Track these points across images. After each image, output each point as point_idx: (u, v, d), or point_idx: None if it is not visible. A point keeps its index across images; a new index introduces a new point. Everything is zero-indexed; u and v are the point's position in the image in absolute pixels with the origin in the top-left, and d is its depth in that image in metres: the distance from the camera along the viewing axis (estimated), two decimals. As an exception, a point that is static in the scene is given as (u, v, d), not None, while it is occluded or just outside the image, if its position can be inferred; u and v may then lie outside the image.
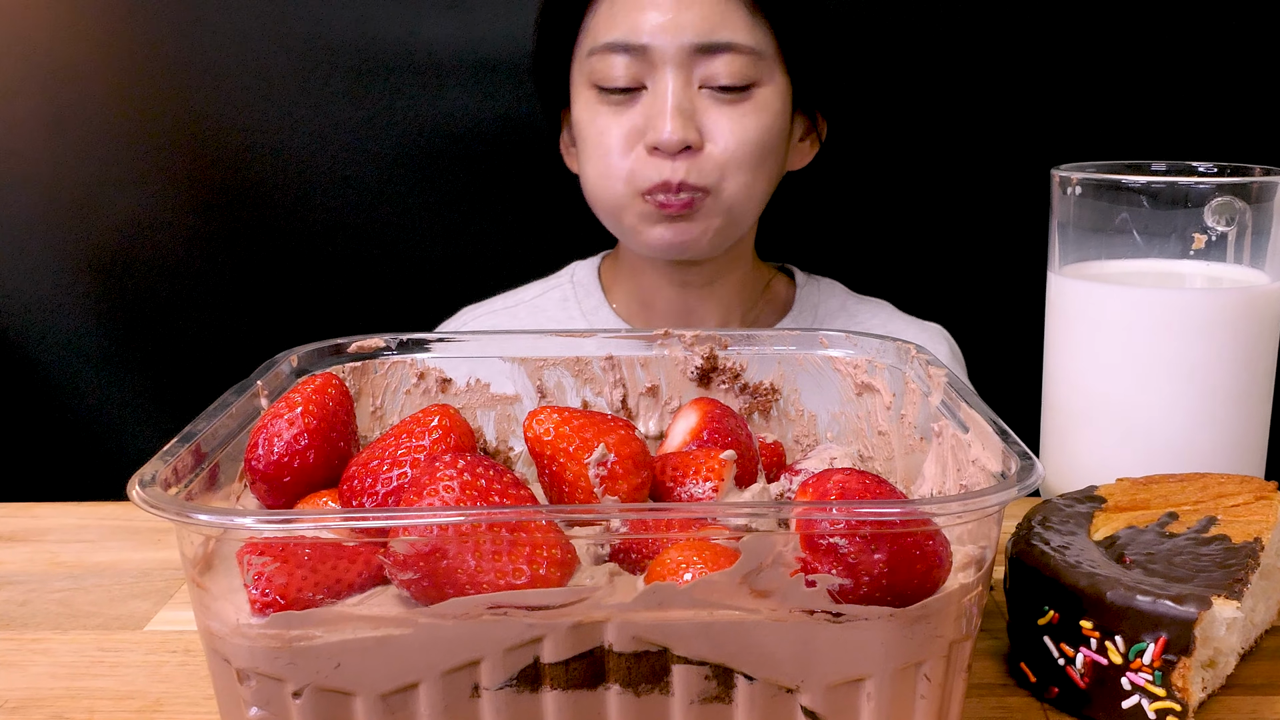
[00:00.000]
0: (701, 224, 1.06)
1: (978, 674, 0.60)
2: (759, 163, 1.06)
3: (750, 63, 1.04)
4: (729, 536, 0.48)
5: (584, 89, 1.08)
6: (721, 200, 1.05)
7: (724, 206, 1.06)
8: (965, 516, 0.47)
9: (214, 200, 1.35)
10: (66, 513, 0.85)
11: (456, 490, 0.47)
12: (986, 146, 1.31)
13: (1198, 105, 1.29)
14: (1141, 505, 0.64)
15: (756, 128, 1.05)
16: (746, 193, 1.07)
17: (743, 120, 1.04)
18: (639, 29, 1.03)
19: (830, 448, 0.70)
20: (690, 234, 1.06)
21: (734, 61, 1.03)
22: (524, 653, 0.47)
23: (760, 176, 1.07)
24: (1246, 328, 0.74)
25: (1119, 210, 0.77)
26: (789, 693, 0.48)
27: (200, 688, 0.60)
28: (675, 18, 1.02)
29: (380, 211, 1.35)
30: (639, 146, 1.04)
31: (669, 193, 1.03)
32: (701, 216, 1.06)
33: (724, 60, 1.03)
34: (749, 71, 1.04)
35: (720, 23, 1.03)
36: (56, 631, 0.67)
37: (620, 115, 1.05)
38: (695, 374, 0.71)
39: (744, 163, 1.05)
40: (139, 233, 1.35)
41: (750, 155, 1.05)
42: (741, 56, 1.03)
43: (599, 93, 1.06)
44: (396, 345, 0.70)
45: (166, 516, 0.46)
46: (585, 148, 1.08)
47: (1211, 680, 0.57)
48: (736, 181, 1.05)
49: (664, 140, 1.01)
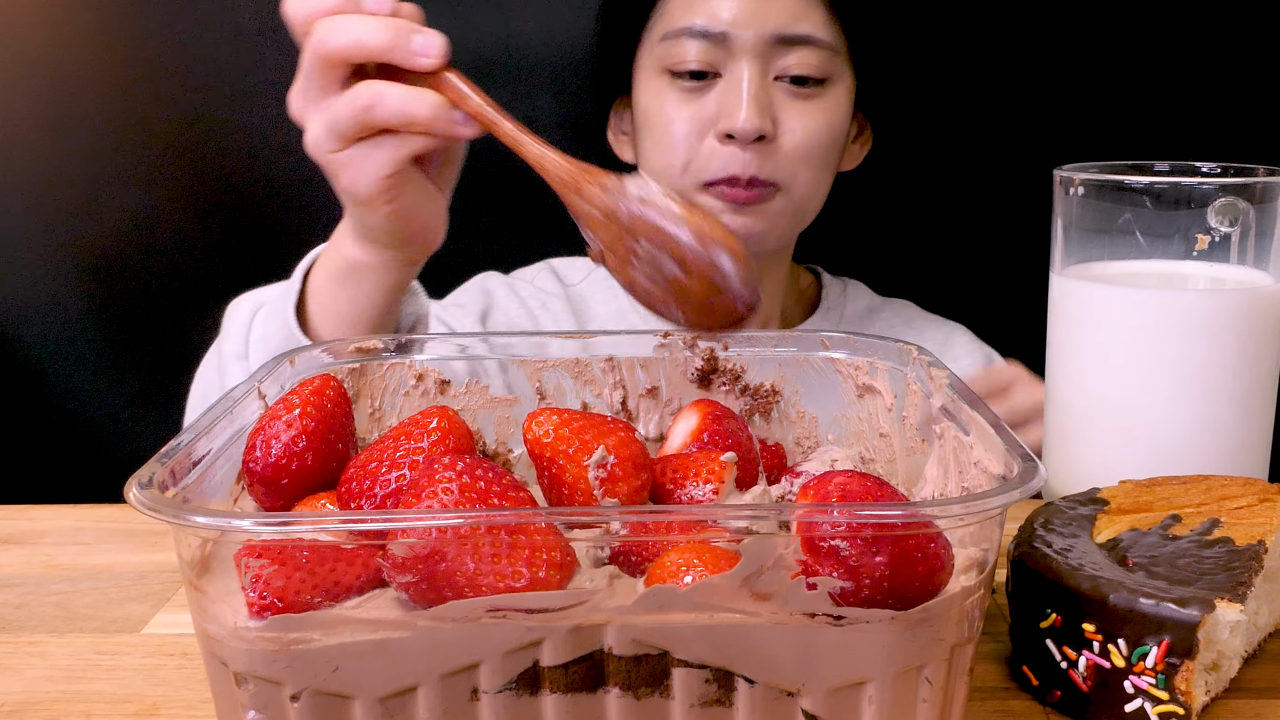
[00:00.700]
0: (770, 220, 1.05)
1: (979, 677, 0.60)
2: (826, 160, 1.06)
3: (827, 58, 1.04)
4: (729, 539, 0.48)
5: (653, 75, 1.06)
6: (792, 198, 1.05)
7: (794, 204, 1.06)
8: (967, 519, 0.47)
9: (212, 201, 1.35)
10: (63, 515, 0.84)
11: (455, 492, 0.47)
12: (988, 147, 1.31)
13: (1201, 105, 1.29)
14: (1144, 507, 0.64)
15: (827, 125, 1.05)
16: (813, 190, 1.06)
17: (816, 115, 1.04)
18: (719, 16, 1.02)
19: (831, 449, 0.70)
20: (758, 228, 1.05)
21: (811, 55, 1.03)
22: (523, 656, 0.47)
23: (826, 174, 1.07)
24: (1250, 329, 0.74)
25: (1122, 211, 0.76)
26: (790, 696, 0.47)
27: (198, 691, 0.60)
28: (756, 7, 1.02)
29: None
30: (709, 136, 1.03)
31: (738, 186, 1.02)
32: (771, 212, 1.05)
33: (801, 53, 1.02)
34: (825, 66, 1.04)
35: (801, 15, 1.03)
36: (53, 634, 0.66)
37: (691, 103, 1.04)
38: (695, 375, 0.71)
39: (813, 159, 1.04)
40: (136, 233, 1.35)
41: (819, 151, 1.05)
42: (819, 51, 1.03)
43: (670, 78, 1.05)
44: (395, 347, 0.70)
45: (163, 519, 0.46)
46: (650, 134, 1.07)
47: (1215, 684, 0.56)
48: (806, 178, 1.05)
49: (740, 128, 1.00)
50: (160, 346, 1.37)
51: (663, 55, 1.05)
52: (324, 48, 0.71)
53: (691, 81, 1.04)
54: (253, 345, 0.86)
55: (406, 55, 0.70)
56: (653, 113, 1.06)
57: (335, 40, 0.71)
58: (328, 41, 0.71)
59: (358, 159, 0.73)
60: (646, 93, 1.07)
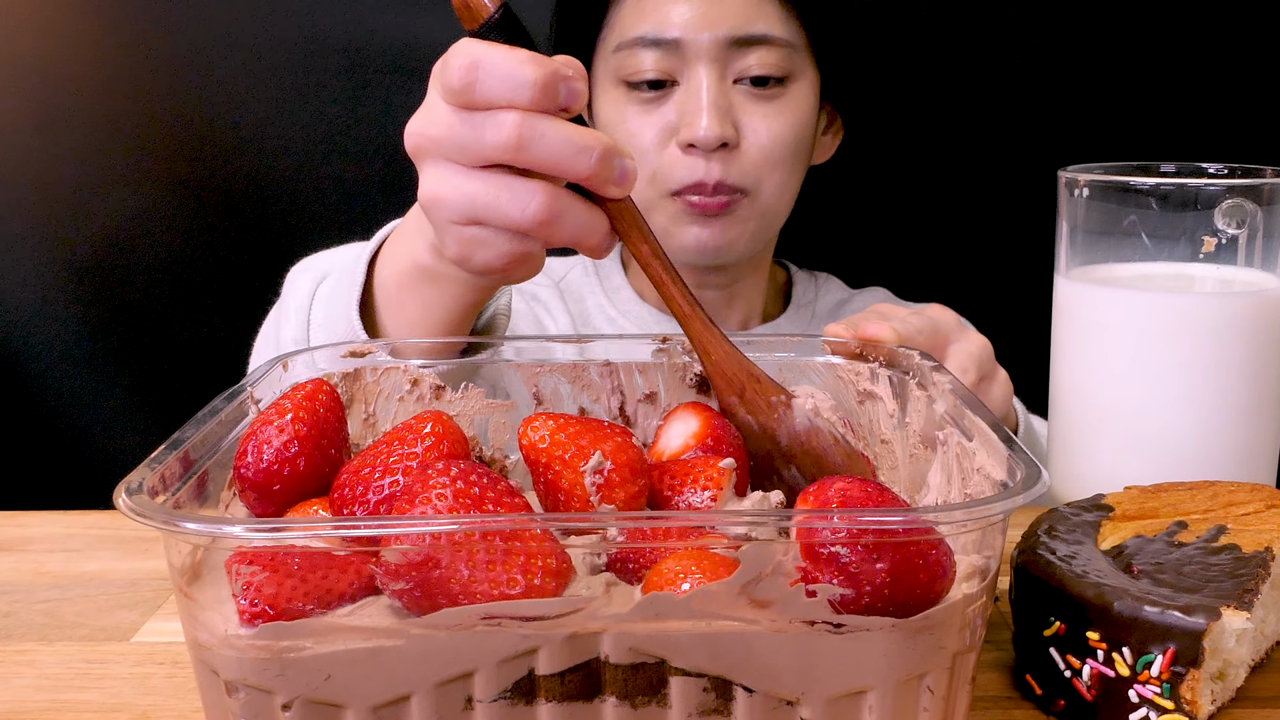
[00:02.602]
0: (739, 227, 1.04)
1: (982, 686, 0.59)
2: (793, 159, 1.04)
3: (785, 56, 1.02)
4: (728, 545, 0.47)
5: (610, 86, 1.05)
6: (759, 202, 1.03)
7: (761, 209, 1.04)
8: (969, 526, 0.47)
9: (204, 203, 1.34)
10: (52, 521, 0.84)
11: (449, 498, 0.47)
12: (993, 147, 1.31)
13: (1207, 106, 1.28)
14: (1150, 514, 0.63)
15: (793, 124, 1.03)
16: (782, 192, 1.05)
17: (779, 116, 1.02)
18: (669, 22, 1.00)
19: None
20: (727, 237, 1.04)
21: (770, 54, 1.01)
22: (518, 664, 0.46)
23: (794, 174, 1.06)
24: (1257, 332, 0.73)
25: (1127, 212, 0.76)
26: (789, 705, 0.47)
27: (188, 700, 0.59)
28: (707, 10, 1.00)
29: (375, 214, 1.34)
30: (671, 144, 1.01)
31: (704, 194, 1.01)
32: (739, 219, 1.03)
33: (759, 53, 1.01)
34: (784, 64, 1.02)
35: (755, 14, 1.01)
36: (42, 643, 0.66)
37: (651, 113, 1.02)
38: (695, 380, 0.70)
39: (780, 160, 1.03)
40: (128, 236, 1.35)
41: (786, 152, 1.03)
42: (777, 49, 1.01)
43: (628, 89, 1.03)
44: (389, 351, 0.69)
45: (153, 525, 0.45)
46: None
47: (1221, 693, 0.56)
48: (773, 180, 1.03)
49: (701, 137, 0.99)
50: (151, 351, 1.37)
51: (618, 66, 1.03)
52: (522, 153, 0.59)
53: (650, 91, 1.02)
54: (314, 330, 0.80)
55: (603, 184, 0.60)
56: (613, 125, 1.04)
57: (536, 152, 0.59)
58: (529, 149, 0.59)
59: (483, 238, 0.63)
60: (605, 104, 1.05)
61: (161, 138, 1.33)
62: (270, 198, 1.34)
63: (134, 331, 1.37)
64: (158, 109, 1.33)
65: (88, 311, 1.36)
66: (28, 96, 1.32)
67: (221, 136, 1.33)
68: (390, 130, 1.32)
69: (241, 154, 1.33)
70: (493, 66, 0.58)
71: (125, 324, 1.37)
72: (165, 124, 1.33)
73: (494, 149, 0.59)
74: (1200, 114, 1.28)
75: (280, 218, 1.34)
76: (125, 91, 1.32)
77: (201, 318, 1.36)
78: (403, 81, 1.31)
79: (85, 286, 1.36)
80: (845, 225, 1.34)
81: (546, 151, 0.58)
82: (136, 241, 1.35)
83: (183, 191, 1.34)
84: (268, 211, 1.34)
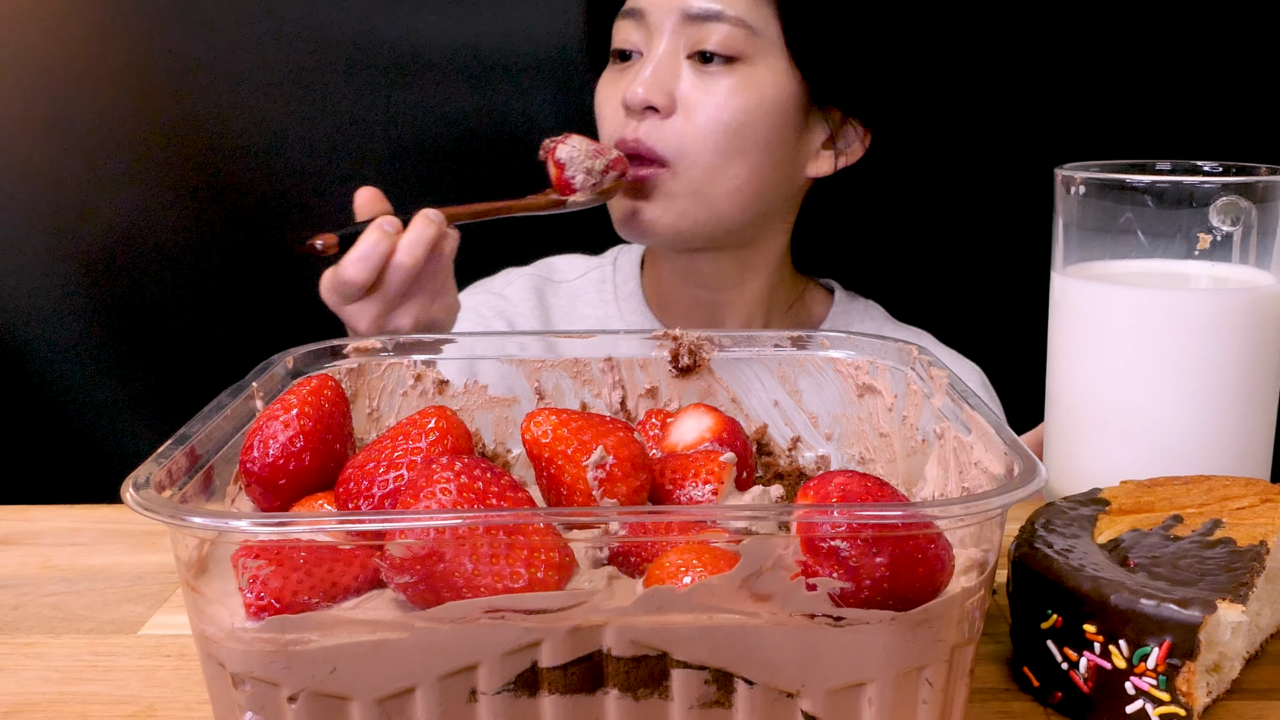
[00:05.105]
0: (664, 203, 1.02)
1: (980, 678, 0.59)
2: (734, 145, 1.01)
3: (741, 36, 1.00)
4: (729, 539, 0.48)
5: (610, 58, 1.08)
6: (682, 178, 1.01)
7: (686, 187, 1.02)
8: (967, 519, 0.47)
9: (210, 200, 1.35)
10: (60, 515, 0.84)
11: (453, 493, 0.47)
12: (988, 145, 1.31)
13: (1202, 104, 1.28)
14: (1146, 508, 0.64)
15: (736, 106, 1.01)
16: (715, 176, 1.02)
17: (723, 94, 1.00)
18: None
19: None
20: (649, 213, 1.03)
21: (721, 30, 1.00)
22: (522, 657, 0.47)
23: (738, 163, 1.02)
24: (1252, 329, 0.74)
25: (1123, 210, 0.76)
26: (789, 697, 0.47)
27: (195, 693, 0.60)
28: None
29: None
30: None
31: (624, 150, 1.01)
32: (663, 194, 1.02)
33: (712, 28, 1.00)
34: (737, 45, 1.00)
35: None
36: (49, 636, 0.66)
37: (617, 82, 1.05)
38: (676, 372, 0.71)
39: (714, 141, 1.00)
40: (134, 233, 1.35)
41: (723, 134, 1.00)
42: (731, 27, 1.00)
43: (613, 60, 1.06)
44: (393, 346, 0.70)
45: (160, 519, 0.46)
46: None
47: (1216, 685, 0.56)
48: (702, 160, 1.01)
49: (626, 97, 1.01)
50: (157, 346, 1.37)
51: (612, 38, 1.06)
52: (398, 275, 0.89)
53: (621, 62, 1.05)
54: None
55: (439, 245, 0.91)
56: (598, 95, 1.08)
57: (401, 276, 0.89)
58: (397, 277, 0.89)
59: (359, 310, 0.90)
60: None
61: (167, 136, 1.33)
62: (274, 196, 1.34)
63: (140, 327, 1.37)
64: (163, 107, 1.33)
65: (94, 307, 1.36)
66: (34, 95, 1.32)
67: (226, 135, 1.33)
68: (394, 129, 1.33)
69: (246, 151, 1.33)
70: (353, 280, 0.88)
71: (132, 320, 1.37)
72: (171, 122, 1.33)
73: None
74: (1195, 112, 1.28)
75: (283, 215, 1.34)
76: (131, 90, 1.32)
77: (207, 313, 1.36)
78: (406, 81, 1.31)
79: (92, 283, 1.36)
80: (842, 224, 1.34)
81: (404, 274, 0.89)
82: (143, 238, 1.35)
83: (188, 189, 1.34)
84: (271, 209, 1.34)
